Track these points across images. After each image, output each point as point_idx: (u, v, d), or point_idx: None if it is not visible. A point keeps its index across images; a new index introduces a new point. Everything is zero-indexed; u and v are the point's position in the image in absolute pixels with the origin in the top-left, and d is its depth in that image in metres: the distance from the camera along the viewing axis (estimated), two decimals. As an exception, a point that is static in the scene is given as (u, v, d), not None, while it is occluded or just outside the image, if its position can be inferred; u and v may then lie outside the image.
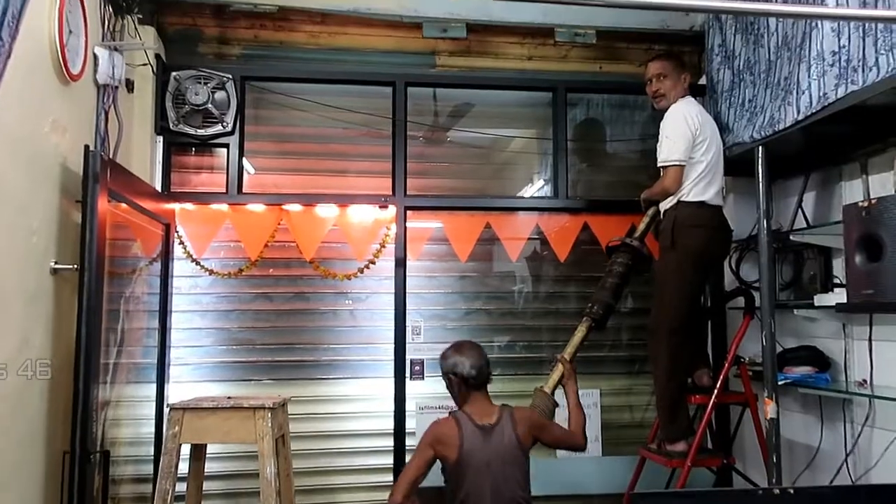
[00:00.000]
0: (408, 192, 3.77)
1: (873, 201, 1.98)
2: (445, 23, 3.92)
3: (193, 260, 3.63)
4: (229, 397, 3.09)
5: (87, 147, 2.47)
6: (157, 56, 3.52)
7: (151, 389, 3.34)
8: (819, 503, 1.45)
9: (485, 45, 4.05)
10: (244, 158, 3.72)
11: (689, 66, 4.16)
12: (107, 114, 2.99)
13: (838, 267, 3.24)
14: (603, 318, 3.20)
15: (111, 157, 3.01)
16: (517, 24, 3.98)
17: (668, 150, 3.12)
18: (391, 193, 3.75)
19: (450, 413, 2.70)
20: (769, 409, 2.91)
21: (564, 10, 4.00)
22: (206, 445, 3.15)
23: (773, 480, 2.89)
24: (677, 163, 3.09)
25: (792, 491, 1.43)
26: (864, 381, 3.03)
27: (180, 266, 3.62)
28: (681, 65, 3.34)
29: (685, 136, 3.09)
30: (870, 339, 3.01)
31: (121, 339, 2.97)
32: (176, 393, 3.40)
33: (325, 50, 3.94)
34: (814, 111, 2.68)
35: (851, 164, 3.17)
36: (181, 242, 3.63)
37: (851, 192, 3.17)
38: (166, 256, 3.49)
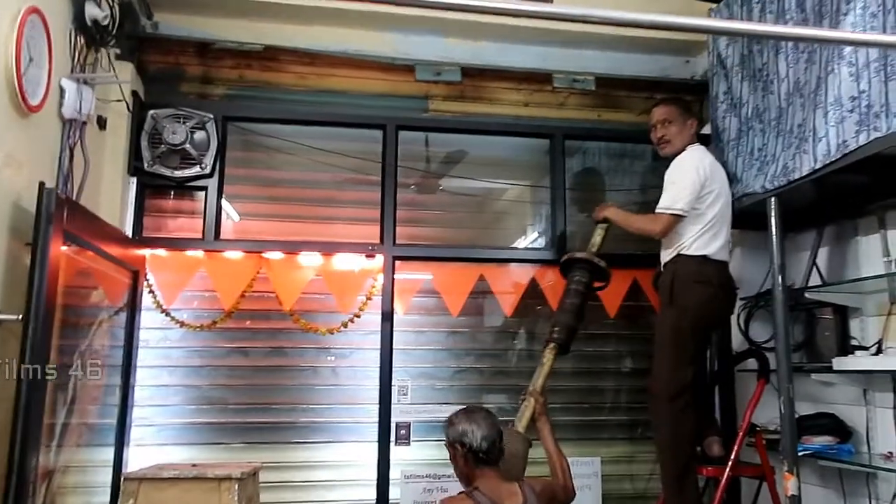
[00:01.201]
0: (397, 242, 3.54)
1: None
2: (439, 66, 3.78)
3: (163, 310, 3.37)
4: (194, 464, 2.79)
5: (41, 184, 2.24)
6: (134, 93, 3.33)
7: (109, 454, 3.03)
8: None
9: (479, 90, 3.90)
10: (226, 203, 3.51)
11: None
12: (72, 150, 2.77)
13: (855, 328, 3.03)
14: (567, 341, 3.04)
15: (74, 196, 2.79)
16: (513, 69, 3.84)
17: (673, 197, 2.91)
18: (379, 242, 3.52)
19: (462, 492, 2.34)
20: (790, 484, 2.64)
21: (562, 55, 3.88)
22: (165, 519, 2.83)
23: (797, 566, 2.60)
24: (679, 212, 2.89)
25: None
26: (891, 453, 2.78)
27: (149, 317, 3.35)
28: (687, 110, 3.18)
29: (693, 186, 2.90)
30: (895, 408, 2.78)
31: (73, 397, 2.68)
32: (137, 457, 3.10)
33: (313, 92, 3.77)
34: (833, 159, 2.50)
35: (868, 218, 2.99)
36: (151, 291, 3.37)
37: (868, 247, 2.99)
38: (133, 306, 3.22)
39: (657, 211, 2.95)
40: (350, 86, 3.79)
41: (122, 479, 2.71)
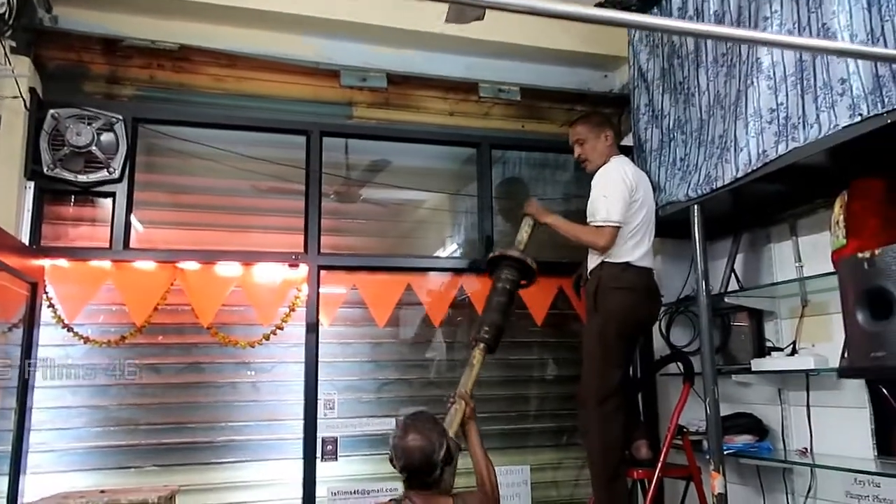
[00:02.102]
0: (321, 251, 3.42)
1: (877, 252, 1.86)
2: (364, 72, 3.70)
3: (65, 325, 3.09)
4: (102, 490, 2.57)
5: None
6: (32, 90, 3.07)
7: (2, 484, 2.73)
8: None
9: (405, 97, 3.85)
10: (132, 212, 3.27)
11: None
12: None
13: (770, 330, 3.17)
14: (496, 341, 3.00)
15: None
16: (439, 78, 3.82)
17: (608, 210, 2.93)
18: (303, 251, 3.39)
19: (392, 500, 2.24)
20: (717, 483, 2.71)
21: (487, 65, 3.90)
22: (69, 553, 2.58)
23: (725, 564, 2.67)
24: (618, 224, 2.93)
25: None
26: (805, 449, 2.91)
27: (48, 333, 3.07)
28: (599, 124, 3.22)
29: (623, 196, 2.95)
30: (808, 406, 2.91)
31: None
32: (35, 487, 2.81)
33: (231, 95, 3.61)
34: (754, 168, 2.61)
35: (780, 226, 3.14)
36: (51, 305, 3.09)
37: (781, 253, 3.14)
38: (31, 321, 2.95)
39: (597, 224, 2.96)
40: (271, 90, 3.65)
41: (20, 511, 2.45)
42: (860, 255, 1.96)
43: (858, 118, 2.19)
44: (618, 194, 2.94)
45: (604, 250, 2.96)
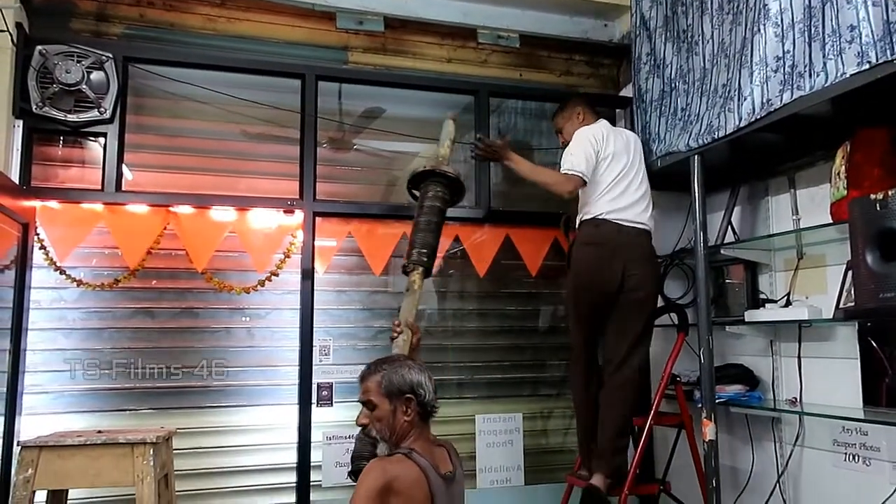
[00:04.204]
0: (317, 198, 3.38)
1: (890, 193, 1.86)
2: (361, 15, 3.61)
3: (57, 268, 3.06)
4: (100, 431, 2.57)
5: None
6: (19, 25, 2.97)
7: (-2, 424, 2.74)
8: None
9: (402, 43, 3.77)
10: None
11: (609, 79, 4.12)
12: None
13: (765, 283, 3.19)
14: (432, 263, 2.80)
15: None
16: (437, 23, 3.73)
17: (571, 162, 2.94)
18: (298, 197, 3.35)
19: (398, 454, 2.01)
20: (708, 430, 2.75)
21: (485, 11, 3.81)
22: (67, 491, 2.60)
23: (714, 506, 2.73)
24: (581, 174, 2.91)
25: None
26: (795, 399, 2.96)
27: (41, 276, 3.04)
28: (570, 105, 3.24)
29: (587, 152, 2.95)
30: (799, 357, 2.95)
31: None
32: (30, 427, 2.82)
33: (222, 37, 3.53)
34: (757, 117, 2.58)
35: (778, 178, 3.13)
36: (42, 247, 3.05)
37: (778, 206, 3.14)
38: (23, 263, 2.91)
39: (562, 171, 2.95)
40: (264, 32, 3.57)
41: (16, 448, 2.45)
42: (873, 196, 1.96)
43: (867, 65, 2.16)
44: (581, 150, 2.95)
45: (566, 195, 2.95)
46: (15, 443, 2.67)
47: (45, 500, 2.53)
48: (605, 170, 2.98)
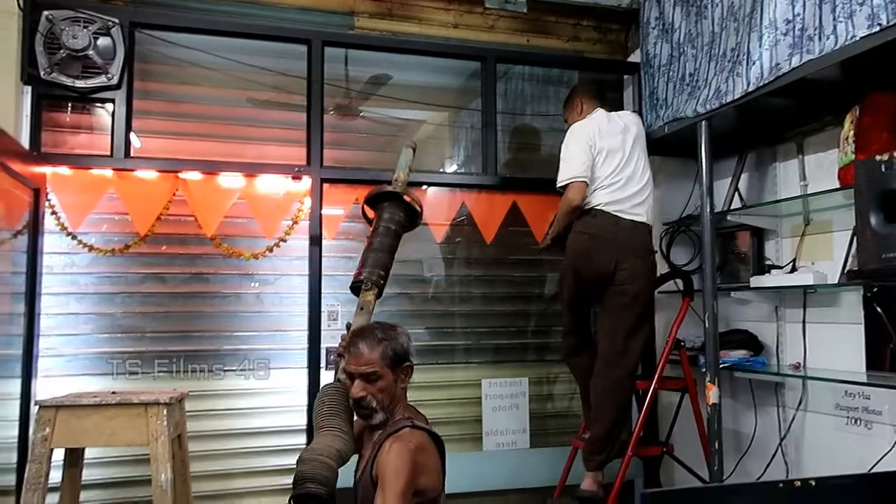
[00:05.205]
0: (324, 164, 3.39)
1: (895, 154, 1.86)
2: (368, -22, 3.57)
3: (69, 233, 3.09)
4: (114, 392, 2.62)
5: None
6: (25, -10, 2.97)
7: (15, 385, 2.79)
8: (841, 494, 1.28)
9: (408, 8, 3.74)
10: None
11: (617, 44, 4.08)
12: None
13: (770, 249, 3.19)
14: (384, 285, 2.57)
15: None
16: (445, -14, 3.70)
17: (566, 171, 2.94)
18: (306, 164, 3.36)
19: (411, 427, 2.00)
20: (711, 393, 2.79)
21: (494, -25, 3.77)
22: (83, 450, 2.66)
23: (715, 469, 2.77)
24: (579, 178, 2.91)
25: (813, 483, 1.24)
26: (798, 364, 2.98)
27: (53, 241, 3.08)
28: (571, 97, 3.23)
29: (580, 153, 2.94)
30: (804, 323, 2.97)
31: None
32: (46, 389, 2.88)
33: (229, 2, 3.51)
34: (766, 82, 2.56)
35: (787, 144, 3.12)
36: (54, 213, 3.08)
37: (786, 172, 3.13)
38: (35, 228, 2.95)
39: (558, 186, 2.98)
40: (270, -3, 3.55)
41: (34, 407, 2.51)
42: (878, 157, 1.96)
43: (877, 28, 2.14)
44: (574, 153, 2.94)
45: (578, 204, 2.93)
46: (32, 403, 2.74)
47: (62, 458, 2.60)
48: (602, 164, 2.97)
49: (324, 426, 2.06)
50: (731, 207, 3.24)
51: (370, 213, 2.65)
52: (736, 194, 3.29)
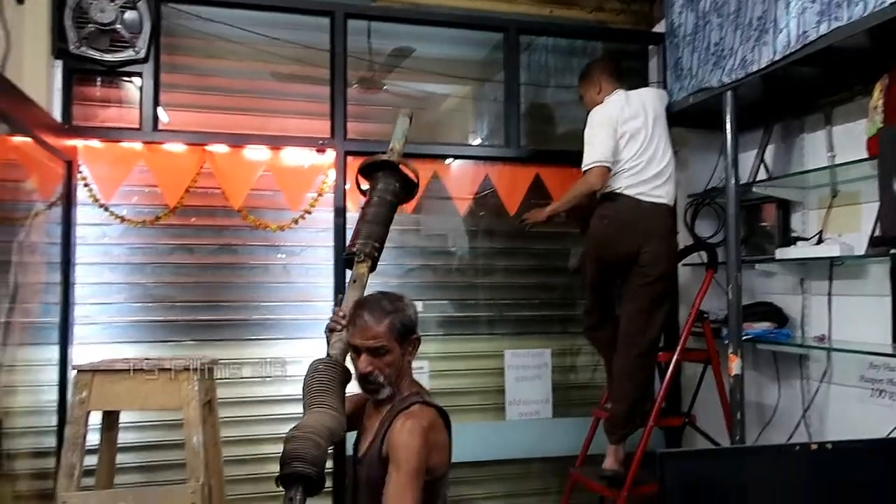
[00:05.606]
0: (348, 137, 3.42)
1: None
2: (389, -50, 3.56)
3: (101, 205, 3.17)
4: (147, 358, 2.70)
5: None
6: (54, -36, 3.01)
7: (53, 352, 2.90)
8: (857, 458, 1.29)
9: (430, -21, 3.73)
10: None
11: (641, 14, 4.03)
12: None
13: (797, 221, 3.16)
14: (379, 257, 2.46)
15: (-1, 73, 2.53)
16: (466, -43, 3.67)
17: (591, 154, 2.94)
18: (330, 136, 3.39)
19: (422, 404, 1.93)
20: (734, 365, 2.80)
21: (518, -55, 3.74)
22: (118, 414, 2.76)
23: (737, 439, 2.79)
24: (603, 163, 2.91)
25: (829, 446, 1.26)
26: (823, 336, 2.97)
27: (85, 212, 3.16)
28: (590, 72, 3.20)
29: (605, 137, 2.94)
30: (829, 294, 2.95)
31: (14, 295, 2.52)
32: (82, 355, 2.98)
33: (253, -25, 3.51)
34: (793, 50, 2.53)
35: (814, 115, 3.07)
36: (86, 185, 3.16)
37: (814, 143, 3.08)
38: (68, 200, 3.03)
39: (584, 167, 2.97)
40: (293, -31, 3.54)
41: (71, 372, 2.61)
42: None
43: (909, -7, 2.10)
44: (599, 137, 2.94)
45: (598, 189, 2.95)
46: (70, 368, 2.83)
47: (99, 421, 2.69)
48: (624, 148, 2.98)
49: (314, 403, 1.92)
50: (757, 179, 3.21)
51: (364, 184, 2.55)
52: (762, 166, 3.26)
